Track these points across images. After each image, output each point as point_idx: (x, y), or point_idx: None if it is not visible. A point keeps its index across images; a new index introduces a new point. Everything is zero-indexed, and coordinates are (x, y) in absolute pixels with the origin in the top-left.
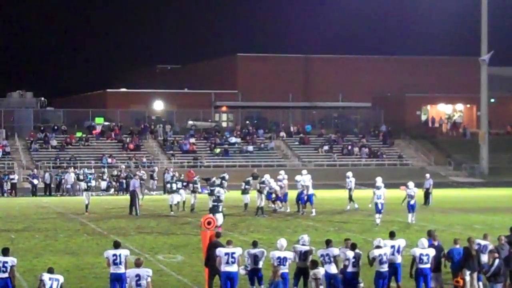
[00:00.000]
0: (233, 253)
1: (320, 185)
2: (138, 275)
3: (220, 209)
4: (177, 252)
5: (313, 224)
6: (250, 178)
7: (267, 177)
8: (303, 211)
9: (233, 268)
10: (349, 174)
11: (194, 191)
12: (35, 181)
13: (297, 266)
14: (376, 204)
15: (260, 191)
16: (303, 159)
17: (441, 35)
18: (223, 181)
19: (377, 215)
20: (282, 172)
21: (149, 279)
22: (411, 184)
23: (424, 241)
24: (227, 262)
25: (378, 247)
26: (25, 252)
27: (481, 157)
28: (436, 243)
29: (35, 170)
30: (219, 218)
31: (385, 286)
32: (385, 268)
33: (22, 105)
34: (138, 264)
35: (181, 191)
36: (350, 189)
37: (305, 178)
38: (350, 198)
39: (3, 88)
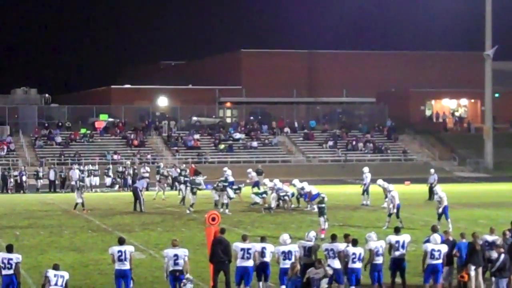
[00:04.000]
0: (248, 248)
1: (325, 181)
2: (176, 255)
3: (325, 211)
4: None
5: (317, 219)
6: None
7: (276, 181)
8: (311, 207)
9: (249, 263)
10: (365, 169)
11: (222, 190)
12: (24, 178)
13: (303, 263)
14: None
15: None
16: (308, 155)
17: (445, 30)
18: (237, 191)
19: (388, 219)
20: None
21: (186, 258)
22: (438, 188)
23: (437, 237)
24: (243, 257)
25: (373, 240)
26: (30, 248)
27: (486, 152)
28: (451, 238)
29: (23, 167)
30: (322, 220)
31: (381, 279)
32: (380, 260)
33: (27, 101)
34: (175, 245)
35: (182, 186)
36: (365, 184)
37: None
38: (367, 192)
39: (7, 85)
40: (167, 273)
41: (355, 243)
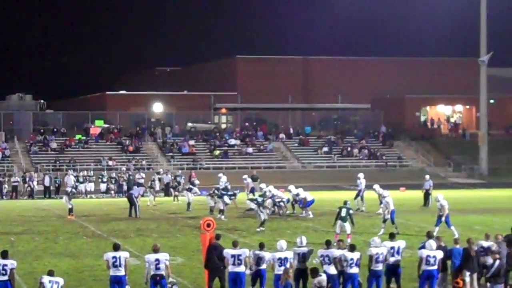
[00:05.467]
0: (239, 255)
1: (320, 187)
2: (157, 260)
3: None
4: (177, 254)
5: (312, 225)
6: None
7: (270, 188)
8: (306, 213)
9: (240, 269)
10: (361, 175)
11: (219, 196)
12: (34, 184)
13: (297, 268)
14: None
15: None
16: (303, 161)
17: (440, 36)
18: (232, 197)
19: (383, 225)
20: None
21: (167, 262)
22: (440, 196)
23: (432, 243)
24: (234, 264)
25: (375, 246)
26: (25, 254)
27: (481, 158)
28: (442, 244)
29: (32, 173)
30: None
31: (379, 286)
32: (379, 267)
33: (22, 107)
34: (156, 250)
35: (186, 192)
36: (360, 190)
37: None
38: (362, 198)
39: (2, 90)
40: (147, 278)
41: (352, 248)
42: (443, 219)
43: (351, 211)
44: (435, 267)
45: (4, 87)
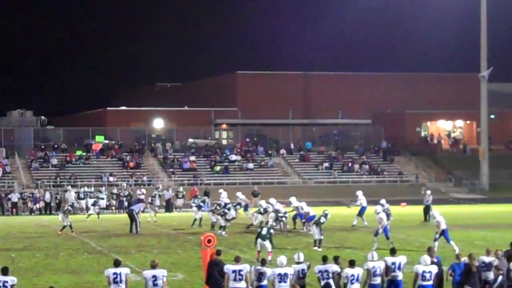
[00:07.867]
0: (240, 270)
1: (321, 202)
2: (154, 276)
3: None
4: (178, 270)
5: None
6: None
7: (272, 200)
8: (307, 228)
9: (241, 285)
10: (359, 193)
11: (222, 215)
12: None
13: (297, 285)
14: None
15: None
16: (303, 177)
17: (440, 52)
18: (236, 206)
19: (375, 238)
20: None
21: (164, 279)
22: (436, 212)
23: (427, 258)
24: (235, 279)
25: (371, 260)
26: (25, 271)
27: (482, 173)
28: (435, 260)
29: (46, 190)
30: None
31: None
32: (377, 281)
33: (22, 123)
34: (153, 266)
35: (195, 208)
36: (363, 207)
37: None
38: (361, 215)
39: (3, 107)
40: None
41: (352, 264)
42: (437, 235)
43: (271, 231)
44: (430, 282)
45: (5, 103)
